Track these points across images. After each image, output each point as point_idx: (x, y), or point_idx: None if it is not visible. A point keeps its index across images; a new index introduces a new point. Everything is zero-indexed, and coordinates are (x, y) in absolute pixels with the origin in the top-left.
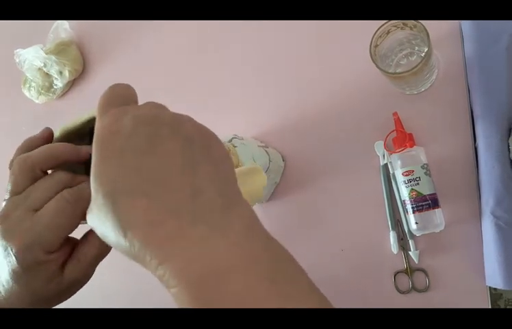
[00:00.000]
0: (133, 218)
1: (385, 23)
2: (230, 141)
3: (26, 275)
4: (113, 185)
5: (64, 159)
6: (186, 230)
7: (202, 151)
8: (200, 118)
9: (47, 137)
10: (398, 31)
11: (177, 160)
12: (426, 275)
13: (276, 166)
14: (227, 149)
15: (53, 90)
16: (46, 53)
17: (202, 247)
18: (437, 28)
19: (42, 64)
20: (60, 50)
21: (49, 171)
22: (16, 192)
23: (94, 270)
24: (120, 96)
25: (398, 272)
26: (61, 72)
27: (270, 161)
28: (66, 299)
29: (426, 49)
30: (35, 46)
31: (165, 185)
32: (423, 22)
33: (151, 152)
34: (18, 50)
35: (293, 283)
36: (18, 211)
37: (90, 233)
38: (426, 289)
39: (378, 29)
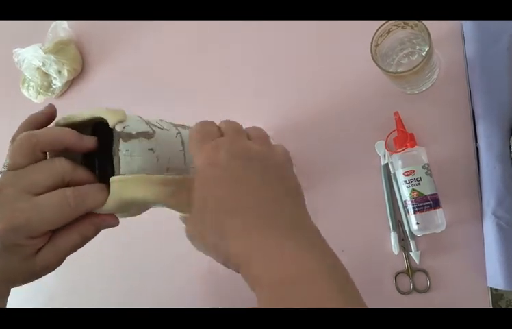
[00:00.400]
0: (229, 231)
1: (386, 22)
2: None
3: (2, 252)
4: (217, 202)
5: (68, 145)
6: (280, 244)
7: (281, 181)
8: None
9: (51, 114)
10: (398, 30)
11: (266, 192)
12: (427, 275)
13: None
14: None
15: (51, 89)
16: (45, 53)
17: (292, 258)
18: (438, 27)
19: (41, 64)
20: (59, 49)
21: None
22: (13, 168)
23: (64, 259)
24: (209, 133)
25: (398, 273)
26: (60, 72)
27: None
28: (32, 280)
29: (427, 49)
30: (33, 46)
31: (259, 207)
32: (424, 21)
33: (244, 182)
34: (16, 49)
35: (357, 299)
36: (13, 189)
37: (75, 225)
38: (427, 290)
39: (379, 28)
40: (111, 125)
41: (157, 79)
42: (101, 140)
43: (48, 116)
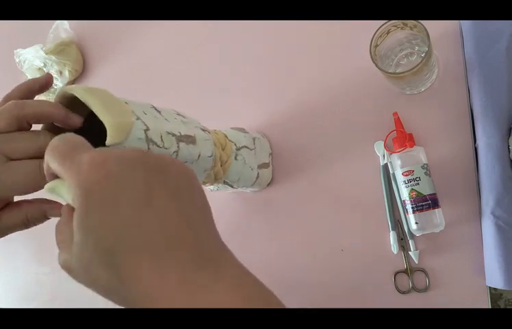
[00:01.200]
0: (133, 274)
1: (385, 23)
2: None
3: None
4: (112, 239)
5: (55, 120)
6: (191, 280)
7: (191, 199)
8: (200, 117)
9: (46, 84)
10: (398, 31)
11: (173, 213)
12: (426, 275)
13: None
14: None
15: (52, 90)
16: (46, 53)
17: (205, 293)
18: (437, 28)
19: (42, 64)
20: (60, 50)
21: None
22: None
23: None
24: (82, 143)
25: (398, 272)
26: (61, 73)
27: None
28: None
29: (426, 49)
30: (35, 46)
31: (166, 238)
32: (423, 22)
33: (148, 204)
34: (18, 50)
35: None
36: None
37: (21, 203)
38: (426, 289)
39: (378, 29)
40: (107, 143)
41: (157, 79)
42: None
43: (43, 85)
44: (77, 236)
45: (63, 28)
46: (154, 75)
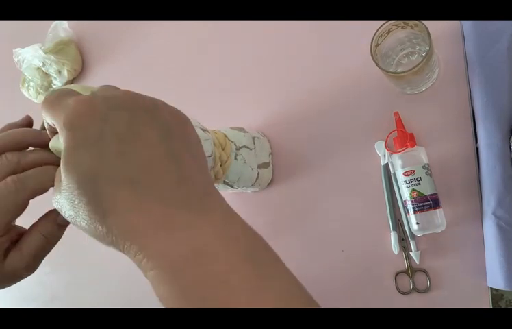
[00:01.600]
0: (115, 206)
1: (386, 22)
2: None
3: None
4: (94, 171)
5: (28, 143)
6: (173, 216)
7: (181, 139)
8: (199, 117)
9: (26, 124)
10: (398, 30)
11: (160, 149)
12: (427, 275)
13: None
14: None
15: (51, 89)
16: (45, 53)
17: (187, 231)
18: (438, 27)
19: (41, 64)
20: (59, 49)
21: None
22: None
23: (37, 264)
24: (71, 92)
25: (398, 272)
26: (60, 72)
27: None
28: (5, 286)
29: (427, 49)
30: (34, 46)
31: (151, 173)
32: (424, 21)
33: (133, 139)
34: (16, 49)
35: (272, 265)
36: None
37: (35, 225)
38: (427, 290)
39: (379, 28)
40: None
41: (157, 79)
42: None
43: (24, 125)
44: (63, 174)
45: (62, 27)
46: (153, 75)
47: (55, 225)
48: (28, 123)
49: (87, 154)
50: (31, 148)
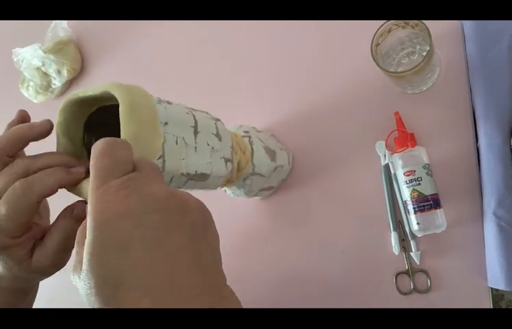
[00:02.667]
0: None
1: (387, 22)
2: (247, 133)
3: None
4: (119, 278)
5: (26, 139)
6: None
7: (205, 241)
8: None
9: (22, 118)
10: (399, 29)
11: (184, 256)
12: (428, 276)
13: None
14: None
15: (51, 89)
16: (45, 52)
17: None
18: (438, 27)
19: (40, 63)
20: (58, 49)
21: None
22: None
23: (62, 259)
24: (122, 161)
25: (399, 273)
26: (59, 72)
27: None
28: (36, 281)
29: (427, 48)
30: (33, 45)
31: (171, 286)
32: (425, 21)
33: (160, 245)
34: (16, 49)
35: None
36: None
37: (55, 222)
38: (427, 290)
39: (380, 27)
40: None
41: (157, 79)
42: (109, 117)
43: (21, 122)
44: (85, 265)
45: (61, 27)
46: (153, 75)
47: (72, 219)
48: (23, 118)
49: (113, 259)
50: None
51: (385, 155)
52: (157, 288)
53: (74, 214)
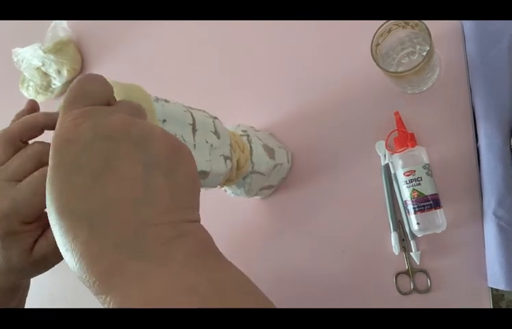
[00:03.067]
0: (74, 245)
1: (387, 22)
2: (245, 132)
3: (1, 241)
4: (61, 201)
5: (42, 126)
6: (125, 265)
7: (167, 173)
8: None
9: (31, 108)
10: (399, 29)
11: (134, 188)
12: (428, 276)
13: (280, 169)
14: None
15: (51, 89)
16: (45, 52)
17: (139, 281)
18: (438, 27)
19: (40, 63)
20: (58, 49)
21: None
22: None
23: None
24: (90, 94)
25: (399, 273)
26: (59, 72)
27: (274, 165)
28: (36, 274)
29: (427, 48)
30: (33, 45)
31: (113, 216)
32: (425, 21)
33: (106, 174)
34: (16, 49)
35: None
36: (1, 182)
37: None
38: (427, 290)
39: (380, 27)
40: None
41: (157, 79)
42: None
43: (29, 110)
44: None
45: (61, 27)
46: (153, 75)
47: None
48: (32, 107)
49: (59, 181)
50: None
51: (385, 155)
52: (93, 217)
53: None
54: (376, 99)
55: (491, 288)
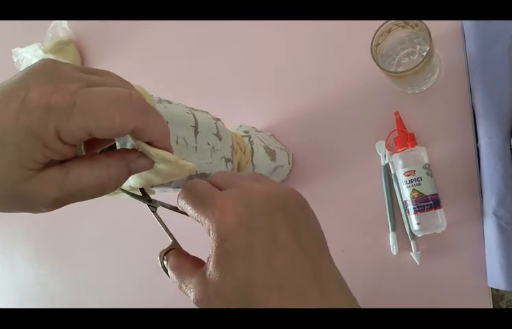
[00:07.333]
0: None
1: (387, 22)
2: (247, 133)
3: (20, 134)
4: (247, 280)
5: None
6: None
7: (307, 232)
8: None
9: None
10: (399, 29)
11: (294, 250)
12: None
13: (282, 170)
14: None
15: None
16: (45, 52)
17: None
18: (438, 27)
19: None
20: (58, 49)
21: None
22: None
23: (69, 200)
24: (207, 190)
25: (398, 273)
26: None
27: (275, 167)
28: (23, 203)
29: (427, 48)
30: (33, 45)
31: (291, 276)
32: (425, 21)
33: (275, 245)
34: (16, 49)
35: None
36: (72, 71)
37: (100, 157)
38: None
39: (380, 27)
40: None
41: (157, 79)
42: None
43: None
44: (213, 276)
45: (61, 27)
46: (153, 75)
47: (126, 166)
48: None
49: (240, 263)
50: None
51: (385, 155)
52: (280, 282)
53: (132, 168)
54: (376, 99)
55: (491, 288)
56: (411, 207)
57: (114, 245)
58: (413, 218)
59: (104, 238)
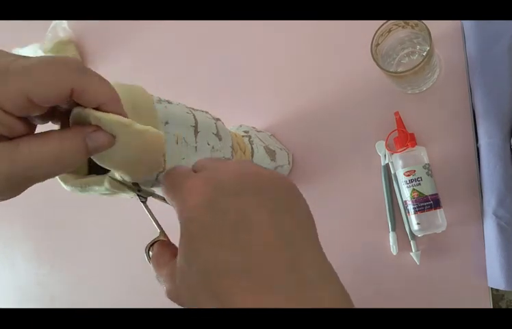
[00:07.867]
0: (232, 296)
1: (387, 22)
2: (247, 133)
3: None
4: (211, 263)
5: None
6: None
7: (289, 215)
8: None
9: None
10: (399, 29)
11: (270, 233)
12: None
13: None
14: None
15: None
16: (45, 52)
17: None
18: (438, 27)
19: None
20: (58, 49)
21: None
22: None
23: (24, 185)
24: (185, 172)
25: (398, 273)
26: None
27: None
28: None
29: (427, 48)
30: (33, 45)
31: (263, 261)
32: (425, 21)
33: (243, 228)
34: (16, 49)
35: None
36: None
37: (56, 133)
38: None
39: (380, 27)
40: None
41: (157, 79)
42: None
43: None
44: (180, 263)
45: (61, 27)
46: (153, 75)
47: (82, 140)
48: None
49: (203, 246)
50: None
51: (385, 155)
52: (248, 268)
53: (90, 146)
54: (376, 99)
55: (491, 288)
56: (411, 207)
57: (114, 244)
58: (413, 218)
59: (104, 238)
